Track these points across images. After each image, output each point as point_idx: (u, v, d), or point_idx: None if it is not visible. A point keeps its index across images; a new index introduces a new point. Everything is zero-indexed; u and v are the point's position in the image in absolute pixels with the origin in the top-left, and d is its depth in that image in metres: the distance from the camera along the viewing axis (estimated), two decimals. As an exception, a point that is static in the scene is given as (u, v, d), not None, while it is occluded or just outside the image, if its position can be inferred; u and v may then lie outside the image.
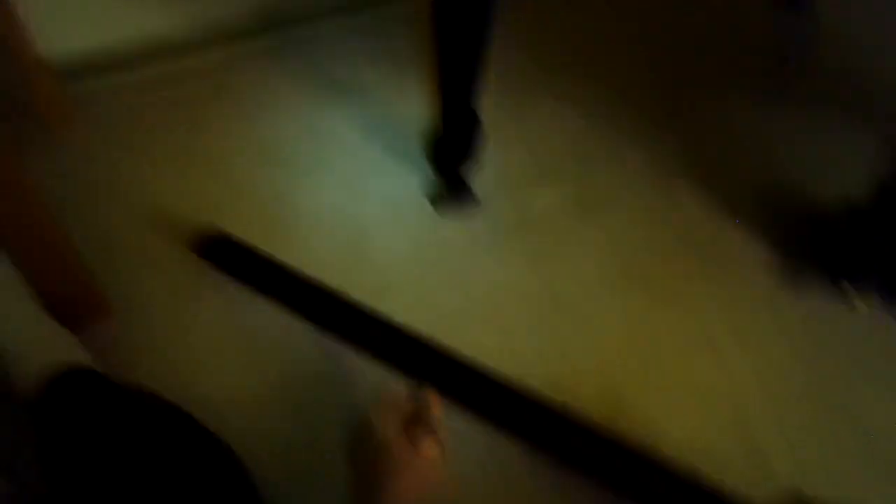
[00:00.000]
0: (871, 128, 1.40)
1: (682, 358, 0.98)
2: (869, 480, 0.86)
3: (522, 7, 1.69)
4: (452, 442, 0.60)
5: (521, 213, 1.23)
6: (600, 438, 0.82)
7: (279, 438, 0.87)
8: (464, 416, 0.87)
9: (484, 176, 1.27)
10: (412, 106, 1.43)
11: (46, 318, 0.87)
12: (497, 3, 0.96)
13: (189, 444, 0.73)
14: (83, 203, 1.24)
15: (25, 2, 1.24)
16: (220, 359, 0.96)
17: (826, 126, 1.43)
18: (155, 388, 0.80)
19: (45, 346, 0.83)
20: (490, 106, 1.18)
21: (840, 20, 1.67)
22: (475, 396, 0.88)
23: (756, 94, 1.52)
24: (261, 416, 0.89)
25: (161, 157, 1.36)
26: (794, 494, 0.75)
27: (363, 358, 0.92)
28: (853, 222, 1.07)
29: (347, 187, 1.28)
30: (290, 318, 0.99)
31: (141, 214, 1.22)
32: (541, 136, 1.41)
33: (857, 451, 0.88)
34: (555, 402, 0.86)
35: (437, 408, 0.59)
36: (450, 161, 1.20)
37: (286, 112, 1.48)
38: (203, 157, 1.36)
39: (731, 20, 1.71)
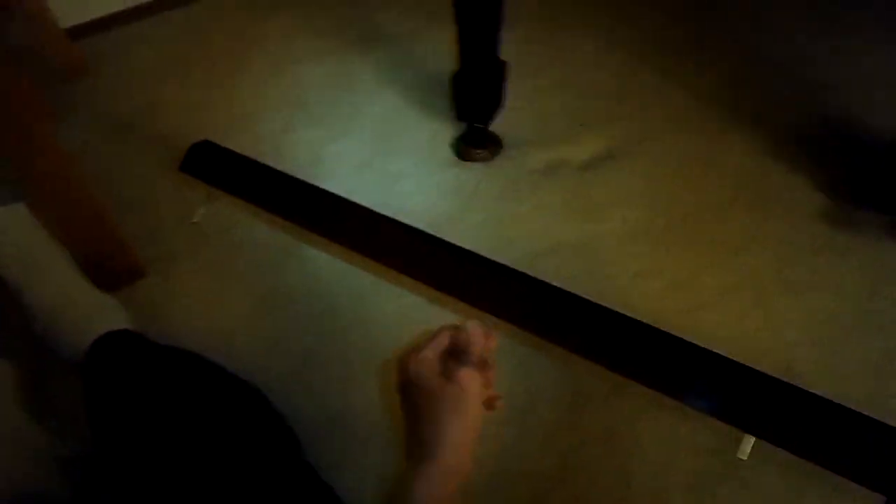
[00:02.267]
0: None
1: (727, 307, 0.94)
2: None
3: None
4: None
5: (555, 157, 1.19)
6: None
7: (316, 389, 0.88)
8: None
9: (517, 120, 1.23)
10: (439, 54, 1.38)
11: (88, 284, 0.89)
12: None
13: (228, 397, 0.75)
14: (113, 155, 1.25)
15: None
16: (256, 314, 0.97)
17: (875, 50, 1.34)
18: (192, 346, 0.81)
19: (88, 312, 0.85)
20: (523, 47, 1.12)
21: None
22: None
23: (801, 21, 1.42)
24: (301, 369, 0.90)
25: (184, 107, 1.35)
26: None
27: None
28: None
29: (376, 137, 1.26)
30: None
31: (165, 166, 1.21)
32: (577, 78, 1.35)
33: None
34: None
35: (483, 341, 0.55)
36: (474, 108, 1.16)
37: (313, 62, 1.44)
38: (229, 107, 1.35)
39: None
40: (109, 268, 0.99)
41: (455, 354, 0.55)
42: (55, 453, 0.74)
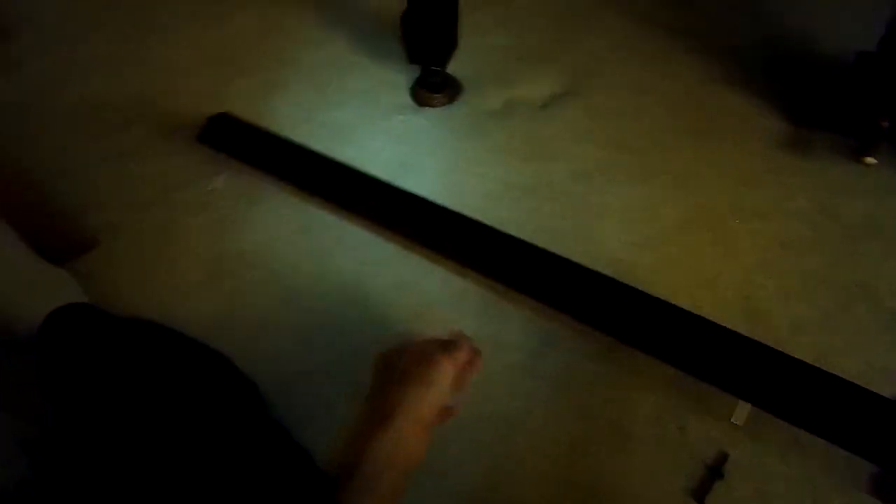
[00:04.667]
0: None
1: (683, 239, 0.95)
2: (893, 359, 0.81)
3: None
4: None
5: (506, 98, 1.17)
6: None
7: (278, 358, 0.87)
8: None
9: (465, 62, 1.19)
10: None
11: (36, 258, 0.85)
12: None
13: (190, 363, 0.73)
14: (31, 125, 1.18)
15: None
16: (212, 284, 0.94)
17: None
18: (148, 315, 0.79)
19: (38, 287, 0.82)
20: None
21: None
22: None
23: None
24: (258, 338, 0.88)
25: (102, 63, 1.28)
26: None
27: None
28: (862, 70, 1.01)
29: (321, 87, 1.21)
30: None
31: (91, 130, 1.16)
32: (523, 15, 1.32)
33: (876, 331, 0.84)
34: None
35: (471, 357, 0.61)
36: (425, 50, 1.12)
37: (247, 12, 1.37)
38: (153, 61, 1.28)
39: None
40: (56, 240, 0.94)
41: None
42: (16, 434, 0.72)
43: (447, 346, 0.61)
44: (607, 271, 0.85)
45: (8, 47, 1.32)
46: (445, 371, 0.58)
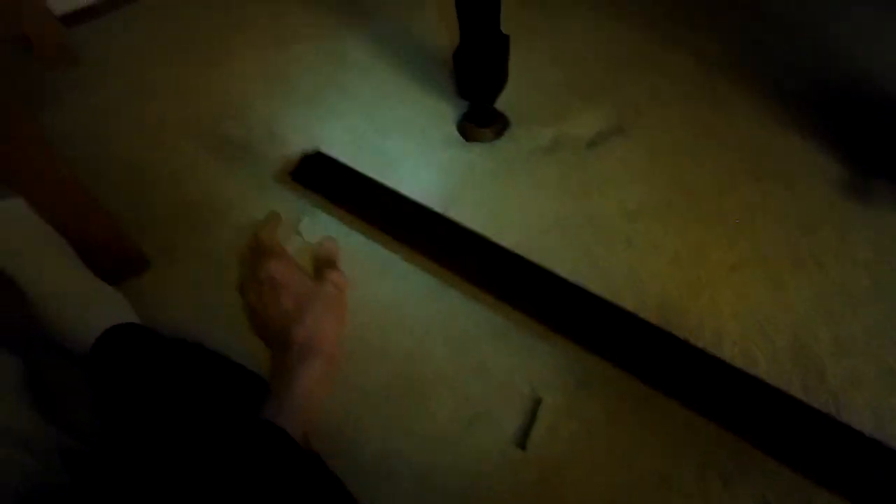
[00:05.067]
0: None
1: (735, 281, 0.93)
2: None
3: None
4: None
5: (554, 134, 1.16)
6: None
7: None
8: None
9: (517, 97, 1.20)
10: (437, 29, 1.35)
11: (91, 277, 0.88)
12: None
13: (234, 388, 0.74)
14: (98, 143, 1.22)
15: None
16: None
17: (887, 16, 1.29)
18: (197, 338, 0.81)
19: (93, 305, 0.84)
20: (519, 21, 1.09)
21: None
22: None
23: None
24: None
25: (170, 92, 1.33)
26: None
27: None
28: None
29: (371, 117, 1.23)
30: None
31: (157, 150, 1.20)
32: (575, 50, 1.32)
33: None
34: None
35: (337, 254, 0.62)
36: (476, 85, 1.13)
37: (304, 41, 1.41)
38: (217, 90, 1.32)
39: None
40: (111, 260, 0.98)
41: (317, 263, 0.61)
42: (63, 447, 0.74)
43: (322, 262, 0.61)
44: (656, 313, 0.84)
45: (80, 70, 1.38)
46: (345, 288, 0.59)
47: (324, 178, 1.09)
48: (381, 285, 0.95)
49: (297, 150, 1.16)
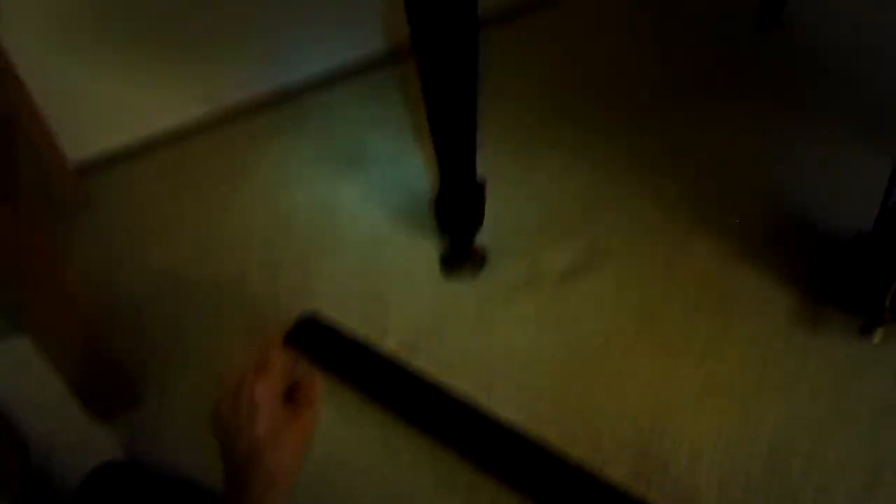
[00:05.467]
0: (873, 142, 1.39)
1: (705, 409, 0.98)
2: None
3: (505, 60, 1.75)
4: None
5: (531, 269, 1.25)
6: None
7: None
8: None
9: (493, 234, 1.31)
10: (424, 173, 1.49)
11: (81, 414, 0.91)
12: (477, 53, 1.00)
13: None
14: (106, 284, 1.31)
15: (53, 109, 1.38)
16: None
17: (831, 150, 1.44)
18: (191, 472, 0.83)
19: (80, 443, 0.87)
20: (495, 164, 1.21)
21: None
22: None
23: (757, 125, 1.54)
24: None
25: (176, 235, 1.43)
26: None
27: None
28: (859, 251, 1.07)
29: (361, 256, 1.32)
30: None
31: (162, 292, 1.27)
32: (548, 190, 1.44)
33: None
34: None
35: (317, 382, 0.59)
36: (454, 223, 1.24)
37: (302, 186, 1.54)
38: (219, 232, 1.42)
39: (722, 55, 1.75)
40: (105, 395, 1.02)
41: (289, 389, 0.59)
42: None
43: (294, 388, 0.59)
44: (630, 445, 0.87)
45: (92, 214, 1.49)
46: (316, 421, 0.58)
47: (317, 345, 1.11)
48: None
49: (292, 300, 1.23)
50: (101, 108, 1.61)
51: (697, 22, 1.95)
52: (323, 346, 1.11)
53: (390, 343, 1.13)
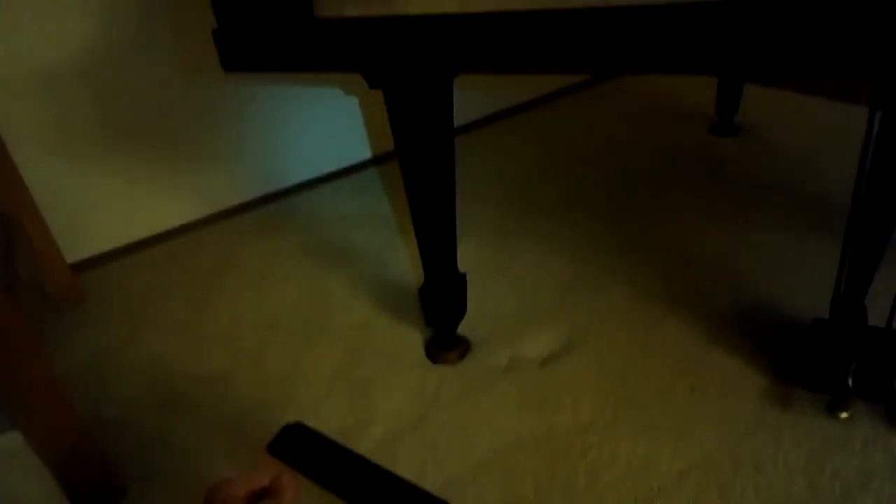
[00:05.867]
0: (827, 232, 1.51)
1: (686, 488, 1.00)
2: None
3: (484, 159, 1.88)
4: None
5: (511, 355, 1.30)
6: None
7: None
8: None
9: (476, 321, 1.36)
10: (410, 265, 1.57)
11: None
12: (453, 157, 1.11)
13: None
14: (95, 379, 1.33)
15: (54, 213, 1.47)
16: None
17: (784, 240, 1.55)
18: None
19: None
20: (479, 260, 1.29)
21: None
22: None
23: (718, 219, 1.65)
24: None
25: (163, 332, 1.47)
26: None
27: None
28: (818, 335, 1.14)
29: (348, 347, 1.37)
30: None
31: (151, 386, 1.29)
32: (526, 281, 1.52)
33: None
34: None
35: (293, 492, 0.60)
36: (440, 316, 1.29)
37: (290, 282, 1.60)
38: (211, 328, 1.46)
39: (686, 156, 1.91)
40: (92, 490, 1.02)
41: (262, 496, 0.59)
42: None
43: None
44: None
45: (84, 310, 1.53)
46: None
47: (301, 453, 1.11)
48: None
49: (279, 390, 1.27)
50: (99, 214, 1.71)
51: (657, 126, 2.15)
52: (307, 453, 1.12)
53: (376, 431, 1.15)
